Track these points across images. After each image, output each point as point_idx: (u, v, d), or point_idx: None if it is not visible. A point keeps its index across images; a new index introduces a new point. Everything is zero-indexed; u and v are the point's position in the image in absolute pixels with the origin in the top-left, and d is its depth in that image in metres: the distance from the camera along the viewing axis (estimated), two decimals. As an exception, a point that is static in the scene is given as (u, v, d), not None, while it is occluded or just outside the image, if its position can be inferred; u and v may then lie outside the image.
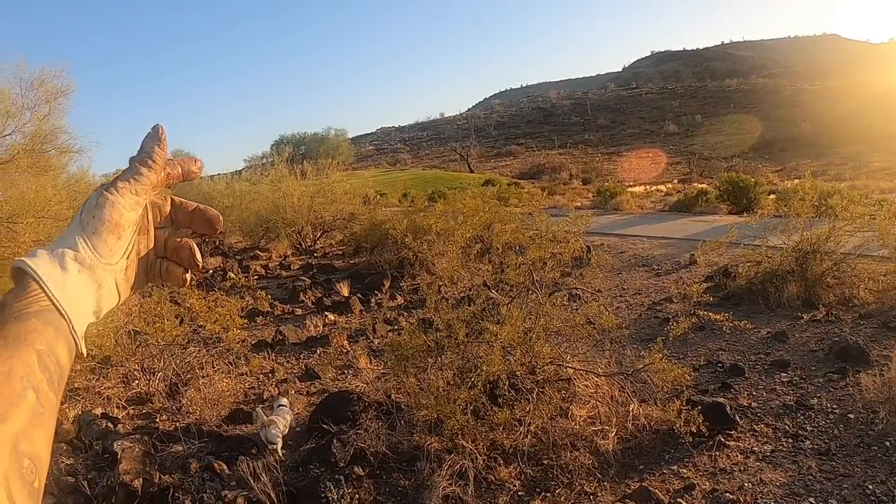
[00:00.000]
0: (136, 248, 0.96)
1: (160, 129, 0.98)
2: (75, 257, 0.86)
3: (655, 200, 32.15)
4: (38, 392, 0.73)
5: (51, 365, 0.76)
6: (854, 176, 47.02)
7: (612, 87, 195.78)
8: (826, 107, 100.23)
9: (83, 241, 0.87)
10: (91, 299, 0.87)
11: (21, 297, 0.79)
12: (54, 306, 0.80)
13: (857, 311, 8.96)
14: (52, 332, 0.78)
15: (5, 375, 0.70)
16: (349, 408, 6.78)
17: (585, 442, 5.84)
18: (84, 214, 0.89)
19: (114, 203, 0.90)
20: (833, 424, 6.04)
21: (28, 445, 0.69)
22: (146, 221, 0.98)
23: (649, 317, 10.26)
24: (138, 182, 0.93)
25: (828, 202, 10.50)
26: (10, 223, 11.45)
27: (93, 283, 0.87)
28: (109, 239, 0.89)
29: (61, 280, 0.82)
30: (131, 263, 0.95)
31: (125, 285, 0.94)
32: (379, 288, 13.60)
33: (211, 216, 1.04)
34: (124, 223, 0.91)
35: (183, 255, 1.02)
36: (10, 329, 0.75)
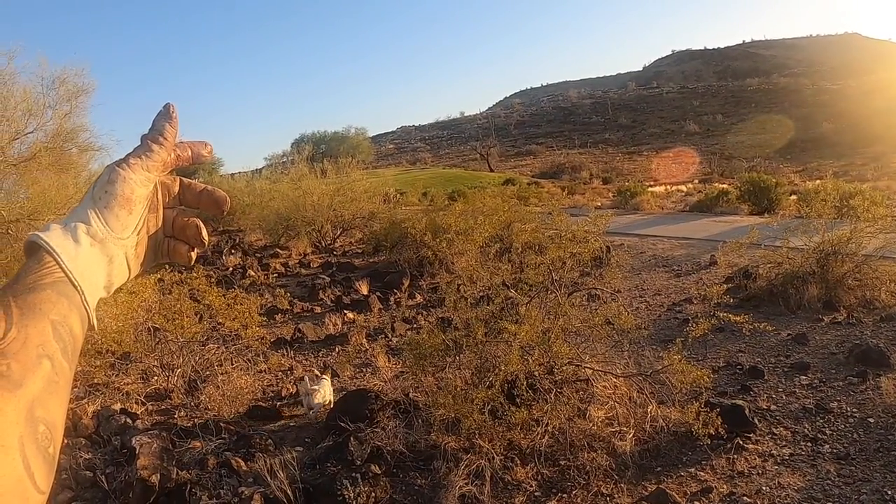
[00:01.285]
0: (146, 225, 0.97)
1: (171, 108, 1.00)
2: (87, 231, 0.87)
3: (676, 200, 31.99)
4: (53, 360, 0.74)
5: (65, 335, 0.78)
6: (876, 177, 46.54)
7: (632, 86, 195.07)
8: (848, 106, 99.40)
9: (95, 215, 0.89)
10: (102, 273, 0.89)
11: (35, 269, 0.81)
12: (67, 278, 0.82)
13: (878, 313, 8.89)
14: (66, 303, 0.80)
15: (21, 343, 0.72)
16: (367, 406, 6.79)
17: (603, 443, 5.83)
18: (96, 189, 0.91)
19: (126, 178, 0.92)
20: (853, 428, 6.00)
21: (43, 412, 0.70)
22: (156, 199, 1.00)
23: (669, 318, 10.23)
24: (150, 159, 0.95)
25: (849, 203, 10.43)
26: (31, 220, 11.53)
27: (104, 257, 0.89)
28: (121, 213, 0.91)
29: (74, 253, 0.84)
30: (141, 240, 0.97)
31: (135, 261, 0.96)
32: (398, 286, 13.62)
33: (218, 197, 1.05)
34: (136, 198, 0.93)
35: (189, 232, 1.04)
36: (26, 299, 0.77)
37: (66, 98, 12.84)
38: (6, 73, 12.09)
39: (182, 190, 1.04)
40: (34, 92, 12.50)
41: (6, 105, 12.04)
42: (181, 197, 1.04)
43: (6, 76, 12.08)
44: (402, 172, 76.94)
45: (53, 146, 12.79)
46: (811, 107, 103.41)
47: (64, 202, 11.90)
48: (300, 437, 6.90)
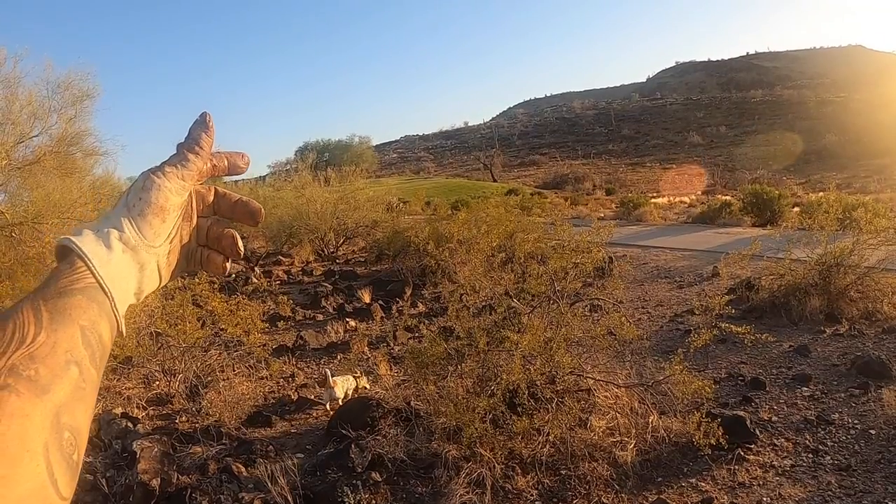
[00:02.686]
0: (179, 233, 0.98)
1: (207, 117, 1.01)
2: (120, 237, 0.88)
3: (679, 212, 32.03)
4: (81, 367, 0.74)
5: (93, 341, 0.78)
6: (879, 189, 46.60)
7: (636, 97, 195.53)
8: (852, 119, 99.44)
9: (128, 222, 0.89)
10: (133, 280, 0.89)
11: (67, 274, 0.81)
12: (98, 284, 0.82)
13: (880, 325, 8.89)
14: (96, 308, 0.80)
15: (50, 348, 0.72)
16: (368, 413, 6.80)
17: (604, 453, 5.82)
18: (130, 196, 0.92)
19: (160, 186, 0.92)
20: (854, 440, 6.00)
21: (69, 418, 0.70)
22: (190, 208, 1.00)
23: (671, 328, 10.23)
24: (185, 168, 0.96)
25: (852, 215, 10.43)
26: (35, 224, 11.54)
27: (136, 264, 0.89)
28: (154, 221, 0.91)
29: (106, 259, 0.84)
30: (174, 248, 0.97)
31: (167, 269, 0.96)
32: (400, 295, 13.62)
33: (253, 208, 1.06)
34: (169, 207, 0.93)
35: (225, 243, 1.05)
36: (56, 304, 0.76)
37: (71, 102, 12.87)
38: (12, 77, 12.12)
39: (217, 199, 1.05)
40: (39, 95, 12.52)
41: (11, 108, 12.06)
42: (215, 206, 1.05)
43: (12, 79, 12.11)
44: (405, 181, 77.13)
45: (58, 150, 12.82)
46: (815, 119, 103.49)
47: (68, 206, 11.92)
48: (301, 443, 6.90)
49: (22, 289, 9.41)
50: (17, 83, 12.24)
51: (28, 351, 0.70)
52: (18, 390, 0.67)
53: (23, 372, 0.68)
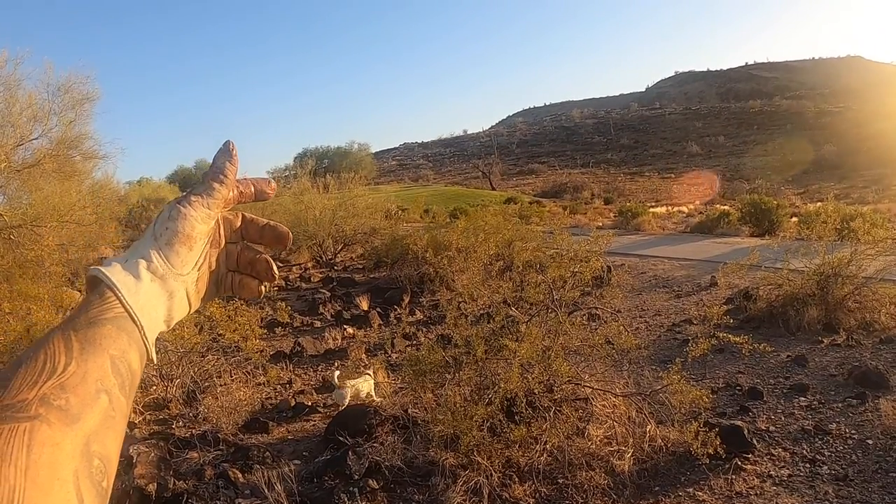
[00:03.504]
0: (207, 260, 1.00)
1: (231, 146, 1.02)
2: (148, 267, 0.89)
3: (677, 222, 32.07)
4: (111, 395, 0.76)
5: (123, 370, 0.79)
6: (877, 199, 46.68)
7: (635, 106, 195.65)
8: (850, 129, 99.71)
9: (156, 251, 0.91)
10: (163, 308, 0.91)
11: (97, 304, 0.82)
12: (128, 314, 0.83)
13: (877, 335, 8.90)
14: (126, 338, 0.82)
15: (80, 377, 0.73)
16: (365, 421, 6.80)
17: (601, 462, 5.82)
18: (157, 226, 0.94)
19: (186, 216, 0.94)
20: (851, 450, 6.00)
21: (99, 446, 0.72)
22: (218, 235, 1.02)
23: (668, 338, 10.23)
24: (210, 196, 0.97)
25: (850, 226, 10.45)
26: (33, 226, 11.55)
27: (164, 293, 0.91)
28: (181, 250, 0.93)
29: (135, 288, 0.86)
30: (202, 275, 0.99)
31: (196, 296, 0.98)
32: (398, 302, 13.62)
33: (281, 232, 1.08)
34: (196, 235, 0.95)
35: (259, 267, 1.07)
36: (87, 334, 0.78)
37: (70, 105, 12.89)
38: (12, 79, 12.14)
39: (244, 225, 1.07)
40: (39, 98, 12.54)
41: (11, 111, 12.08)
42: (243, 231, 1.07)
43: (12, 82, 12.13)
44: (404, 189, 77.21)
45: (57, 153, 12.82)
46: (813, 129, 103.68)
47: (67, 209, 11.92)
48: (298, 449, 6.90)
49: (20, 291, 9.41)
50: (18, 85, 12.26)
51: (59, 381, 0.72)
52: (49, 420, 0.68)
53: (53, 402, 0.70)
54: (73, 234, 13.10)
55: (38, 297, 9.38)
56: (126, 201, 31.50)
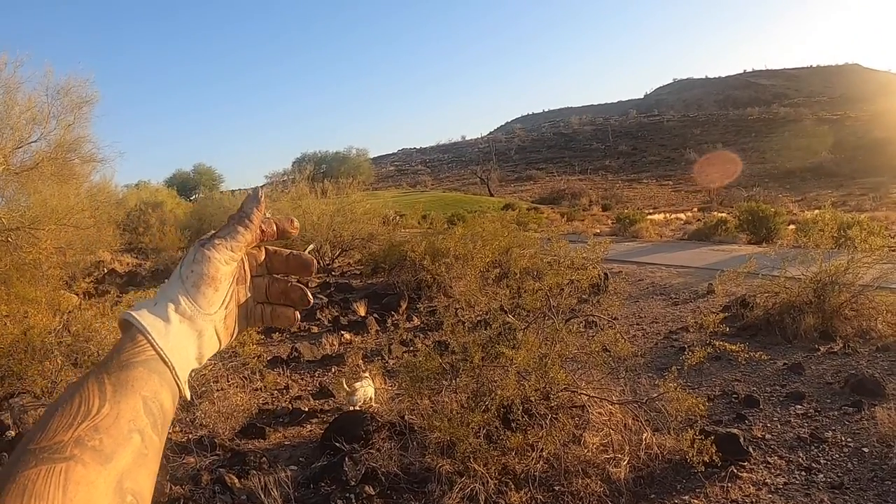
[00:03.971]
0: (234, 297, 1.04)
1: (260, 192, 1.07)
2: (176, 309, 0.93)
3: (674, 229, 32.06)
4: (143, 435, 0.80)
5: (155, 410, 0.84)
6: (875, 207, 46.62)
7: (633, 113, 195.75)
8: (848, 136, 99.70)
9: (183, 293, 0.95)
10: (193, 347, 0.95)
11: (129, 347, 0.87)
12: (158, 356, 0.88)
13: (874, 343, 8.90)
14: (157, 379, 0.86)
15: (113, 418, 0.78)
16: (362, 427, 6.81)
17: (597, 469, 5.83)
18: (183, 269, 0.98)
19: (210, 259, 0.98)
20: (847, 458, 6.01)
21: (132, 483, 0.76)
22: (243, 272, 1.06)
23: (665, 346, 10.23)
24: (234, 240, 1.01)
25: (847, 233, 10.45)
26: (31, 229, 11.56)
27: (194, 333, 0.95)
28: (207, 291, 0.97)
29: (164, 331, 0.90)
30: (230, 312, 1.03)
31: (225, 332, 1.02)
32: (396, 309, 13.62)
33: (306, 260, 1.12)
34: (220, 276, 0.99)
35: (294, 296, 1.11)
36: (119, 377, 0.83)
37: (70, 108, 12.93)
38: (12, 82, 12.17)
39: (268, 257, 1.11)
40: (39, 101, 12.57)
41: (10, 113, 12.11)
42: (268, 264, 1.11)
43: (12, 84, 12.16)
44: (401, 194, 77.24)
45: (56, 156, 12.85)
46: (811, 137, 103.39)
47: (64, 212, 11.94)
48: (295, 455, 6.90)
49: (17, 294, 9.41)
50: (17, 88, 12.30)
51: (93, 423, 0.76)
52: (84, 460, 0.73)
53: (88, 442, 0.74)
54: (71, 237, 13.13)
55: (36, 299, 9.40)
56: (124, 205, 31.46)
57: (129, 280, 20.66)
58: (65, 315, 9.39)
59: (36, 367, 8.03)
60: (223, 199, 33.54)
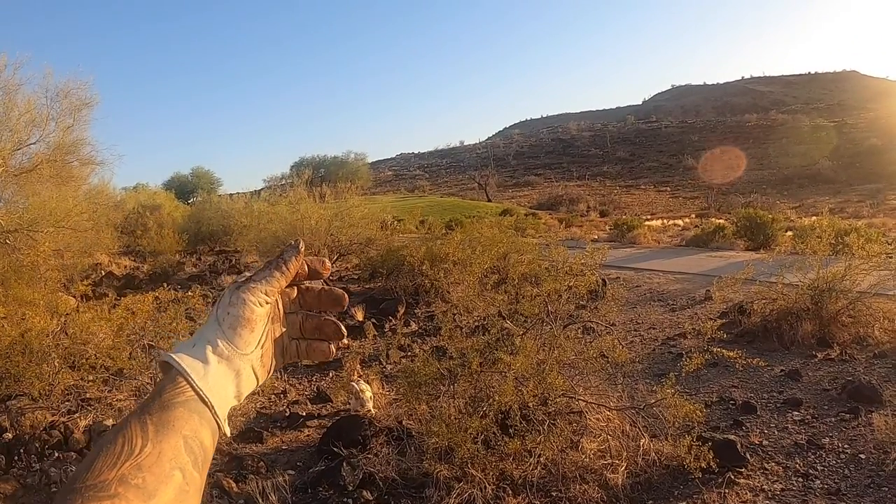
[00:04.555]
0: (269, 335, 1.08)
1: (301, 245, 1.12)
2: (214, 350, 0.98)
3: (672, 235, 32.06)
4: (184, 472, 0.84)
5: (195, 448, 0.88)
6: (872, 213, 46.80)
7: (631, 119, 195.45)
8: (845, 143, 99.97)
9: (221, 335, 1.00)
10: (231, 386, 1.00)
11: (169, 389, 0.91)
12: (198, 396, 0.92)
13: (871, 350, 8.92)
14: (197, 419, 0.91)
15: (156, 457, 0.82)
16: (360, 432, 6.81)
17: (595, 475, 5.83)
18: (220, 311, 1.02)
19: (246, 301, 1.02)
20: (844, 464, 6.02)
21: None
22: (277, 310, 1.10)
23: (663, 352, 10.24)
24: (269, 284, 1.06)
25: (844, 240, 10.47)
26: (30, 231, 11.56)
27: (231, 372, 1.00)
28: (244, 332, 1.01)
29: (203, 372, 0.95)
30: (266, 350, 1.06)
31: (262, 370, 1.06)
32: (393, 314, 13.62)
33: (337, 295, 1.16)
34: (256, 318, 1.03)
35: (329, 330, 1.15)
36: (160, 417, 0.87)
37: (69, 111, 12.93)
38: (11, 83, 12.17)
39: (300, 294, 1.15)
40: (38, 103, 12.57)
41: (10, 115, 12.10)
42: (300, 300, 1.15)
43: (11, 86, 12.16)
44: (399, 199, 77.15)
45: (55, 158, 12.85)
46: (809, 143, 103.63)
47: (63, 215, 11.93)
48: (292, 460, 6.90)
49: (15, 296, 9.40)
50: (17, 90, 12.29)
51: (136, 461, 0.81)
52: (128, 497, 0.77)
53: (131, 481, 0.79)
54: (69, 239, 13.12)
55: (34, 301, 9.40)
56: (122, 207, 31.42)
57: (127, 283, 20.60)
58: (62, 317, 9.38)
59: (33, 370, 8.02)
60: (221, 203, 33.48)
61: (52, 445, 7.05)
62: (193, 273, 22.51)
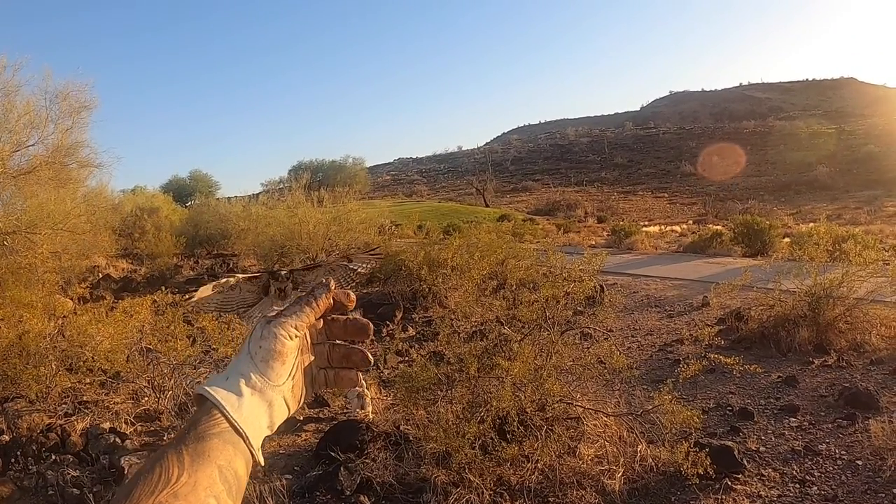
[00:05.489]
0: (299, 367, 1.12)
1: (331, 283, 1.19)
2: (247, 383, 1.03)
3: (670, 241, 32.06)
4: (219, 500, 0.89)
5: (230, 477, 0.92)
6: (869, 220, 46.74)
7: (629, 125, 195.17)
8: (843, 150, 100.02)
9: (253, 368, 1.05)
10: (265, 417, 1.04)
11: (204, 421, 0.96)
12: (233, 427, 0.96)
13: (868, 356, 8.93)
14: (231, 449, 0.95)
15: (191, 486, 0.86)
16: (357, 436, 6.81)
17: (592, 481, 5.84)
18: (251, 345, 1.07)
19: (277, 336, 1.07)
20: (841, 471, 6.03)
21: None
22: (305, 342, 1.15)
23: (660, 358, 10.24)
24: (299, 319, 1.11)
25: (842, 247, 10.48)
26: (28, 233, 11.56)
27: (264, 403, 1.04)
28: (276, 365, 1.06)
29: (237, 404, 0.99)
30: (297, 381, 1.11)
31: (293, 400, 1.11)
32: (391, 318, 13.60)
33: (362, 324, 1.22)
34: (286, 351, 1.08)
35: (356, 359, 1.20)
36: (196, 448, 0.91)
37: (68, 113, 12.93)
38: (11, 85, 12.17)
39: (327, 325, 1.20)
40: (37, 105, 12.57)
41: (9, 117, 12.10)
42: (327, 331, 1.20)
43: (11, 88, 12.17)
44: (397, 204, 77.03)
45: (53, 160, 12.85)
46: (806, 150, 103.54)
47: (61, 217, 11.92)
48: (290, 464, 6.90)
49: (12, 298, 9.40)
50: (16, 91, 12.30)
51: (172, 490, 0.84)
52: None
53: None
54: (67, 241, 13.12)
55: (31, 303, 9.39)
56: (120, 210, 31.38)
57: (124, 286, 20.59)
58: (60, 320, 9.39)
59: (31, 372, 8.02)
60: (219, 206, 33.48)
61: (49, 448, 7.05)
62: (191, 276, 22.52)
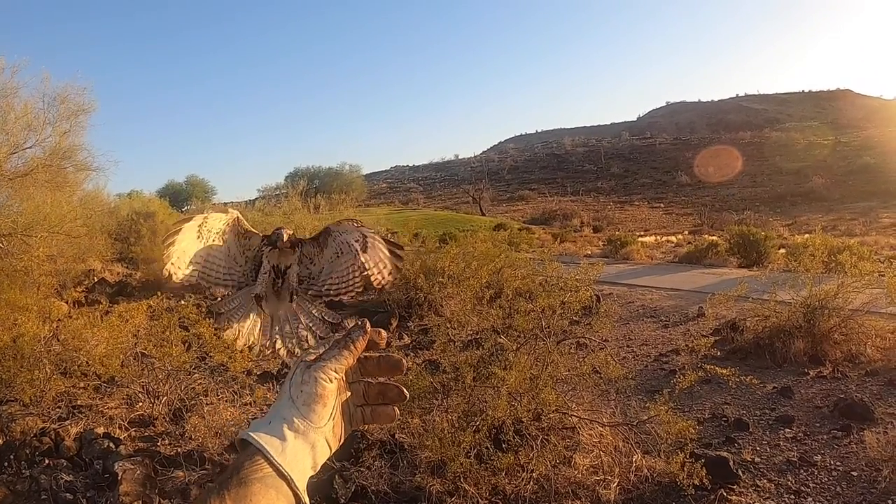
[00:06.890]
0: (338, 407, 1.17)
1: (367, 326, 1.22)
2: (290, 427, 1.07)
3: (665, 251, 32.10)
4: None
5: None
6: (864, 232, 46.84)
7: (626, 135, 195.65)
8: (838, 161, 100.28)
9: (295, 412, 1.09)
10: (308, 458, 1.08)
11: (247, 466, 1.00)
12: (277, 471, 1.01)
13: (863, 368, 8.93)
14: (273, 493, 0.99)
15: None
16: (352, 444, 6.79)
17: (587, 491, 5.83)
18: (293, 390, 1.12)
19: (317, 380, 1.12)
20: (836, 482, 6.03)
21: None
22: (342, 383, 1.19)
23: (655, 368, 10.24)
24: (338, 362, 1.15)
25: (837, 258, 10.49)
26: (24, 236, 11.51)
27: (307, 445, 1.08)
28: (317, 408, 1.11)
29: (281, 448, 1.03)
30: (337, 421, 1.16)
31: (333, 439, 1.15)
32: (386, 326, 13.58)
33: (395, 361, 1.26)
34: (327, 394, 1.13)
35: (391, 394, 1.24)
36: (238, 492, 0.96)
37: (66, 116, 12.90)
38: (9, 87, 12.14)
39: (360, 364, 1.23)
40: (35, 107, 12.54)
41: (6, 119, 12.07)
42: (361, 368, 1.24)
43: (9, 89, 12.14)
44: (393, 212, 77.11)
45: (50, 163, 12.81)
46: (802, 161, 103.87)
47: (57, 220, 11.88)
48: (284, 472, 6.87)
49: (7, 300, 9.37)
50: (14, 93, 12.26)
51: None
52: None
53: None
54: (63, 244, 13.08)
55: (26, 307, 9.37)
56: (116, 214, 31.30)
57: (120, 290, 20.53)
58: (55, 323, 9.36)
59: (25, 376, 7.99)
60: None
61: (42, 452, 7.02)
62: (186, 282, 22.40)
